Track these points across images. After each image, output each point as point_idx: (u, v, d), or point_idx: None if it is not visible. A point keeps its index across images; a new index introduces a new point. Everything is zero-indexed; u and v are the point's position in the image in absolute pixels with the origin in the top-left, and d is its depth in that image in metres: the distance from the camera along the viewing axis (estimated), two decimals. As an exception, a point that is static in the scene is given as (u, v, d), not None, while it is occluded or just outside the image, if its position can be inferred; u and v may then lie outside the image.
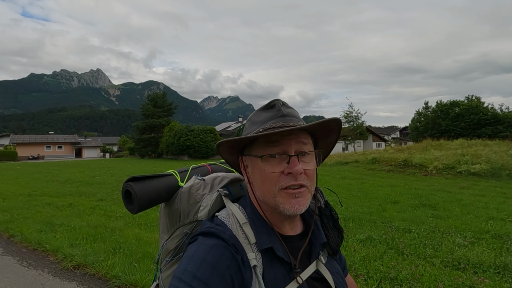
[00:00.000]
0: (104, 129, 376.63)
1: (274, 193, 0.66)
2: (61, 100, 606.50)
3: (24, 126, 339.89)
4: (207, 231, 0.66)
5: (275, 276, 0.65)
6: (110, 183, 11.38)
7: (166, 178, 0.84)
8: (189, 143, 30.81)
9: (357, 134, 38.94)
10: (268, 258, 0.66)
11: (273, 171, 0.66)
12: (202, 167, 0.94)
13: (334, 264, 0.79)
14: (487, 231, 5.07)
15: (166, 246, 0.84)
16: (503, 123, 27.07)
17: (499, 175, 12.07)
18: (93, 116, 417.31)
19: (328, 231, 0.78)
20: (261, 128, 0.68)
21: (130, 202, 0.79)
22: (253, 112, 0.77)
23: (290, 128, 0.65)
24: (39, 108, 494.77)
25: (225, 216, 0.71)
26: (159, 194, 0.81)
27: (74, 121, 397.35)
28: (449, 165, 13.41)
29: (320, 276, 0.71)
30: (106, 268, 3.29)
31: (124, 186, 0.80)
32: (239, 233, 0.67)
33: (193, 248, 0.62)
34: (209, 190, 0.80)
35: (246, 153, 0.73)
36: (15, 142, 51.00)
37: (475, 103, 29.29)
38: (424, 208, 7.07)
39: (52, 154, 53.71)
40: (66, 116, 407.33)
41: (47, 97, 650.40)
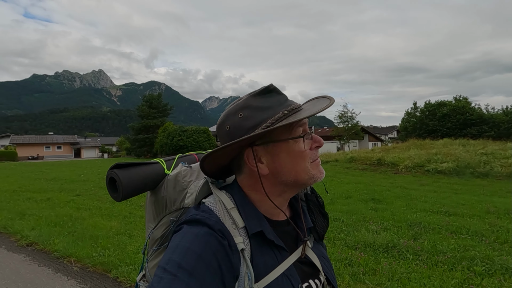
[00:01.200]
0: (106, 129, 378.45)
1: (307, 168, 0.69)
2: (63, 101, 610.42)
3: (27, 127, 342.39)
4: (192, 218, 0.65)
5: (264, 259, 0.65)
6: (93, 180, 12.13)
7: (152, 166, 0.83)
8: (182, 143, 31.58)
9: (352, 134, 39.51)
10: (257, 242, 0.67)
11: (306, 148, 0.69)
12: (189, 156, 0.94)
13: (320, 249, 0.81)
14: (406, 221, 5.72)
15: (153, 235, 0.83)
16: (488, 123, 27.61)
17: (463, 173, 12.69)
18: (95, 117, 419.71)
19: (315, 216, 0.81)
20: (285, 111, 0.67)
21: (115, 189, 0.78)
22: (244, 100, 0.72)
23: (321, 110, 0.67)
24: (42, 108, 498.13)
25: (212, 202, 0.71)
26: (145, 181, 0.80)
27: (76, 122, 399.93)
28: (419, 164, 14.04)
29: (307, 260, 0.73)
30: (52, 245, 3.99)
31: (108, 173, 0.78)
32: (226, 219, 0.67)
33: (178, 237, 0.62)
34: (196, 177, 0.80)
35: (261, 143, 0.69)
36: (15, 143, 52.01)
37: (461, 103, 29.85)
38: (371, 202, 7.73)
39: (52, 154, 54.68)
40: (68, 116, 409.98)
41: (49, 98, 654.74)
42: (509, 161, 13.07)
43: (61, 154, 55.87)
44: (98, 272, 3.33)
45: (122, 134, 52.47)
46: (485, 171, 12.43)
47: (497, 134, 26.02)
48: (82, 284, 3.11)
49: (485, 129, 27.38)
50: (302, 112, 0.68)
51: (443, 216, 6.17)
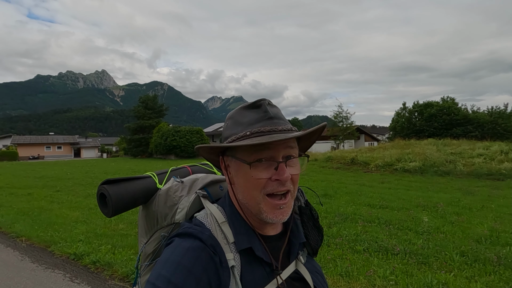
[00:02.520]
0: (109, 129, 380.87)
1: (258, 199, 0.65)
2: (67, 101, 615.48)
3: (31, 127, 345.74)
4: (185, 231, 0.64)
5: (254, 277, 0.64)
6: (78, 178, 13.01)
7: (143, 181, 0.83)
8: (175, 143, 32.45)
9: (347, 134, 40.15)
10: (247, 259, 0.65)
11: (259, 177, 0.64)
12: (182, 169, 0.93)
13: (314, 264, 0.79)
14: (336, 212, 6.45)
15: (145, 250, 0.82)
16: (472, 124, 28.16)
17: (427, 171, 13.38)
18: (98, 117, 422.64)
19: (308, 230, 0.78)
20: (248, 131, 0.65)
21: (105, 205, 0.78)
22: (235, 110, 0.73)
23: (281, 139, 0.62)
24: (45, 109, 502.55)
25: (204, 216, 0.70)
26: (135, 197, 0.79)
27: (79, 122, 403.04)
28: (388, 163, 14.74)
29: (299, 276, 0.71)
30: (12, 228, 4.81)
31: (98, 189, 0.78)
32: (217, 233, 0.66)
33: (169, 251, 0.61)
34: (187, 192, 0.79)
35: (229, 154, 0.70)
36: (16, 143, 53.23)
37: (448, 104, 30.41)
38: (321, 197, 8.47)
39: (52, 154, 55.82)
40: (72, 117, 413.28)
41: (53, 98, 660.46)
42: (473, 160, 13.73)
43: (61, 154, 57.02)
44: (40, 247, 4.16)
45: (123, 134, 53.47)
46: (447, 170, 13.11)
47: (482, 134, 26.56)
48: (23, 255, 3.94)
49: (470, 129, 27.94)
50: (261, 139, 0.63)
51: (374, 209, 6.90)
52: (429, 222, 5.70)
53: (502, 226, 5.33)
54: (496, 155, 13.93)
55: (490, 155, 14.10)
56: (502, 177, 11.80)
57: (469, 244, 4.39)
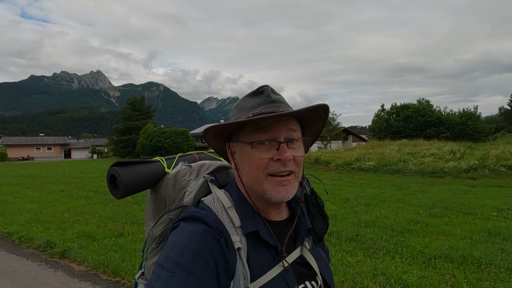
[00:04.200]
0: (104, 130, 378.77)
1: (261, 179, 0.67)
2: (61, 102, 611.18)
3: (24, 128, 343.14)
4: (190, 215, 0.66)
5: (260, 259, 0.65)
6: (52, 177, 13.84)
7: (153, 164, 0.84)
8: (160, 144, 33.23)
9: (334, 135, 41.29)
10: (254, 242, 0.67)
11: (262, 157, 0.66)
12: (189, 155, 0.95)
13: (318, 250, 0.80)
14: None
15: (152, 233, 0.83)
16: (444, 125, 29.34)
17: (380, 170, 14.39)
18: (93, 118, 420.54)
19: (314, 218, 0.80)
20: (250, 114, 0.68)
21: (115, 187, 0.79)
22: (240, 99, 0.76)
23: (279, 113, 0.65)
24: (39, 110, 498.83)
25: (210, 201, 0.71)
26: (144, 180, 0.81)
27: (74, 123, 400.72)
28: (348, 162, 15.74)
29: (304, 261, 0.73)
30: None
31: (109, 171, 0.79)
32: (223, 217, 0.67)
33: (176, 234, 0.63)
34: (195, 176, 0.81)
35: (234, 139, 0.72)
36: (6, 144, 53.58)
37: (423, 106, 31.59)
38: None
39: (42, 155, 56.23)
40: (66, 118, 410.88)
41: (47, 99, 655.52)
42: (424, 159, 14.78)
43: (51, 155, 57.45)
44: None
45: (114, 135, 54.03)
46: (398, 168, 14.14)
47: (452, 135, 27.76)
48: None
49: (442, 130, 29.11)
50: (257, 116, 0.66)
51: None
52: (336, 211, 6.69)
53: (389, 214, 6.32)
54: (445, 154, 14.99)
55: (441, 154, 15.15)
56: (444, 174, 12.84)
57: (349, 227, 5.35)
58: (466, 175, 12.47)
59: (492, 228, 5.13)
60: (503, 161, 12.78)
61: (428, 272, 3.49)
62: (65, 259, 3.76)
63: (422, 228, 5.35)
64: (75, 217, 6.09)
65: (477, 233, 4.94)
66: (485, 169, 12.59)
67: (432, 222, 5.68)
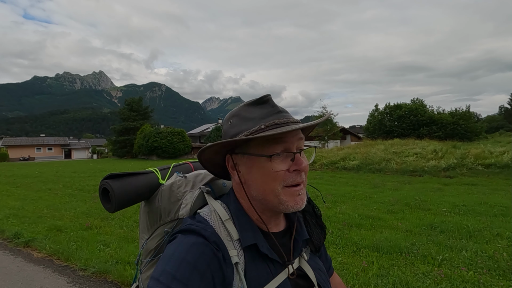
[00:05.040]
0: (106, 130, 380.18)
1: (278, 191, 0.66)
2: (64, 103, 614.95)
3: (27, 129, 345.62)
4: (187, 228, 0.65)
5: (258, 273, 0.65)
6: (45, 176, 14.34)
7: (146, 176, 0.83)
8: (157, 144, 33.76)
9: (332, 134, 41.68)
10: (251, 255, 0.66)
11: (279, 169, 0.65)
12: (184, 165, 0.93)
13: (316, 261, 0.79)
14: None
15: (146, 246, 0.82)
16: (437, 124, 29.60)
17: (363, 169, 14.74)
18: (95, 118, 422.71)
19: (311, 228, 0.79)
20: (262, 125, 0.66)
21: (108, 200, 0.77)
22: (239, 108, 0.73)
23: (299, 127, 0.64)
24: (42, 110, 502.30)
25: (207, 213, 0.70)
26: (138, 192, 0.79)
27: (76, 123, 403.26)
28: (333, 161, 16.10)
29: (302, 273, 0.72)
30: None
31: (101, 184, 0.78)
32: (221, 230, 0.66)
33: (172, 247, 0.62)
34: (191, 187, 0.79)
35: (239, 152, 0.69)
36: (7, 145, 54.36)
37: (416, 105, 31.86)
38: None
39: (43, 156, 56.98)
40: (69, 118, 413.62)
41: (50, 100, 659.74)
42: (406, 159, 15.10)
43: (51, 156, 58.19)
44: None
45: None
46: (380, 168, 14.48)
47: (444, 134, 28.02)
48: None
49: (434, 129, 29.37)
50: (278, 129, 0.64)
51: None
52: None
53: (348, 210, 6.69)
54: (428, 154, 15.30)
55: (424, 154, 15.46)
56: (423, 173, 13.17)
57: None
58: (444, 173, 12.79)
59: (435, 223, 5.49)
60: (481, 160, 13.09)
61: (350, 259, 3.87)
62: (28, 248, 4.18)
63: (372, 222, 5.71)
64: (53, 213, 6.52)
65: (420, 227, 5.30)
66: (463, 168, 12.91)
67: (384, 217, 6.04)
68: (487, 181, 10.99)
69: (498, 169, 12.28)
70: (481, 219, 5.76)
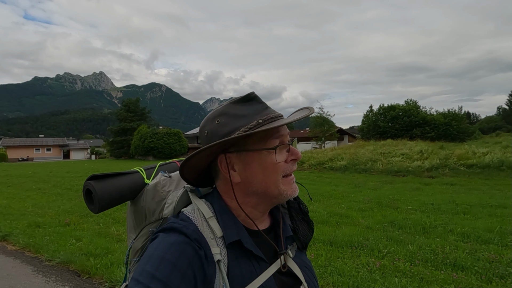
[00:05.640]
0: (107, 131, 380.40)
1: (279, 181, 0.68)
2: (65, 103, 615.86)
3: (28, 129, 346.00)
4: (169, 226, 0.65)
5: (241, 271, 0.64)
6: (37, 176, 14.68)
7: (131, 176, 0.83)
8: (153, 145, 34.11)
9: (329, 135, 41.98)
10: (235, 253, 0.66)
11: (280, 160, 0.68)
12: (171, 164, 0.93)
13: (303, 258, 0.79)
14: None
15: (134, 245, 0.83)
16: (429, 125, 29.87)
17: (350, 169, 15.03)
18: (96, 119, 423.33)
19: (297, 224, 0.79)
20: (260, 120, 0.67)
21: (92, 201, 0.77)
22: (224, 106, 0.72)
23: (295, 119, 0.69)
24: (43, 111, 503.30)
25: (190, 211, 0.70)
26: (122, 193, 0.79)
27: (77, 124, 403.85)
28: (321, 162, 16.39)
29: (288, 271, 0.71)
30: None
31: (84, 185, 0.78)
32: (204, 228, 0.66)
33: (153, 246, 0.61)
34: (175, 187, 0.79)
35: (234, 150, 0.69)
36: (6, 145, 54.75)
37: (409, 106, 32.14)
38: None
39: (41, 156, 57.33)
40: (69, 119, 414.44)
41: (50, 100, 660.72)
42: (392, 159, 15.39)
43: (50, 156, 58.55)
44: None
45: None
46: (366, 168, 14.76)
47: (437, 135, 28.29)
48: None
49: (427, 130, 29.64)
50: (277, 122, 0.66)
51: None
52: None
53: (319, 208, 6.99)
54: (414, 154, 15.59)
55: (410, 154, 15.75)
56: (407, 173, 13.46)
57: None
58: (428, 174, 13.08)
59: (397, 220, 5.77)
60: (463, 160, 13.37)
61: (301, 252, 4.17)
62: (4, 241, 4.49)
63: (338, 219, 6.00)
64: (37, 211, 6.83)
65: (380, 224, 5.59)
66: (445, 168, 13.19)
67: (351, 215, 6.33)
68: (466, 181, 11.28)
69: (479, 169, 12.57)
70: (442, 216, 6.05)
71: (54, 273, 3.33)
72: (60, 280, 3.16)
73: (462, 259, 3.75)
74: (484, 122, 79.26)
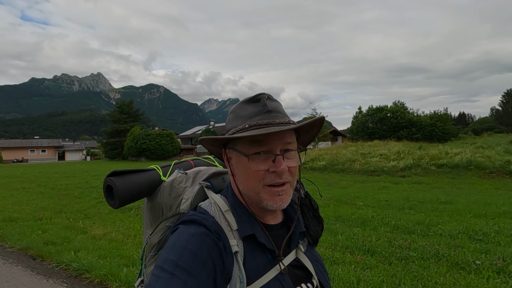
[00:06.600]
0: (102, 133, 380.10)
1: (258, 189, 0.68)
2: (62, 104, 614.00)
3: (25, 131, 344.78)
4: (189, 218, 0.67)
5: (256, 263, 0.67)
6: (25, 177, 15.17)
7: (148, 173, 0.86)
8: (145, 146, 34.55)
9: (323, 136, 42.64)
10: (250, 246, 0.68)
11: (258, 169, 0.67)
12: (185, 162, 0.96)
13: (314, 253, 0.82)
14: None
15: (150, 240, 0.85)
16: (416, 126, 30.49)
17: (328, 169, 15.56)
18: (93, 120, 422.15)
19: (308, 220, 0.81)
20: (247, 124, 0.69)
21: (112, 197, 0.81)
22: (236, 104, 0.77)
23: (276, 130, 0.65)
24: (40, 112, 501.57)
25: (208, 205, 0.73)
26: (140, 188, 0.82)
27: (74, 125, 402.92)
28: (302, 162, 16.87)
29: (300, 264, 0.74)
30: None
31: (105, 181, 0.81)
32: (221, 220, 0.69)
33: (175, 237, 0.64)
34: (191, 183, 0.82)
35: (230, 147, 0.74)
36: (1, 147, 54.94)
37: (397, 108, 32.77)
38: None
39: (36, 158, 57.60)
40: (67, 120, 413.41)
41: (48, 101, 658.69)
42: (370, 160, 15.93)
43: (45, 157, 58.83)
44: None
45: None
46: (343, 168, 15.30)
47: (423, 136, 28.90)
48: None
49: (413, 131, 30.25)
50: (259, 131, 0.67)
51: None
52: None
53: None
54: (391, 155, 16.14)
55: (388, 155, 16.30)
56: (381, 173, 14.00)
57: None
58: (401, 173, 13.63)
59: (345, 215, 6.27)
60: (435, 160, 13.94)
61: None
62: (-25, 233, 4.98)
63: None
64: (15, 207, 7.31)
65: (328, 218, 6.07)
66: (418, 168, 13.75)
67: (306, 210, 6.84)
68: (434, 180, 11.84)
69: (449, 169, 13.14)
70: (387, 211, 6.56)
71: (12, 257, 3.83)
72: (16, 262, 3.67)
73: (377, 245, 4.27)
74: (478, 123, 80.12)
